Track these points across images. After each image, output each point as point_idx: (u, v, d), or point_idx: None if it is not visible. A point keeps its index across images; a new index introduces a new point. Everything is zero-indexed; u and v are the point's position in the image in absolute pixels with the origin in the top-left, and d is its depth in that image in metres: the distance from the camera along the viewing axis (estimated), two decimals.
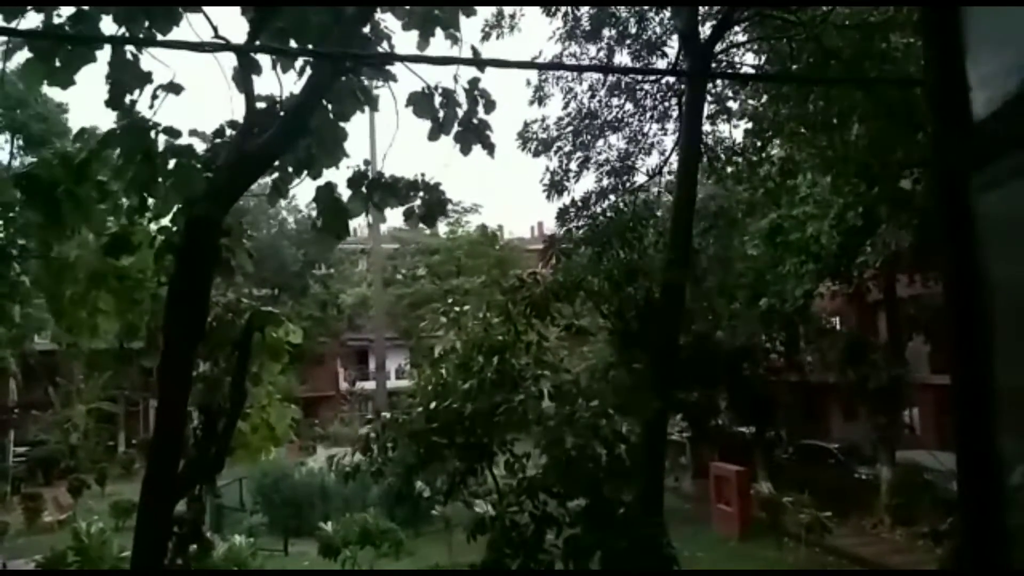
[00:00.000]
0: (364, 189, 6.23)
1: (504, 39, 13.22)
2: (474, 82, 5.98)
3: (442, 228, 40.36)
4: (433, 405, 7.53)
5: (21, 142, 22.05)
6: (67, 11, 5.12)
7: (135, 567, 5.56)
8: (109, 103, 5.29)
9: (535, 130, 15.12)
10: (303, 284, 39.75)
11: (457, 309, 9.93)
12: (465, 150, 6.14)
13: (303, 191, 41.10)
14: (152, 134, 5.25)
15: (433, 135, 6.07)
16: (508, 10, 13.24)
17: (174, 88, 5.22)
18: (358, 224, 29.53)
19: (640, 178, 15.49)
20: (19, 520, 21.51)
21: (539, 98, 14.91)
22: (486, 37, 13.27)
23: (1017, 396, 1.72)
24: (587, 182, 24.15)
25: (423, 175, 6.39)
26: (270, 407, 8.54)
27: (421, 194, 6.34)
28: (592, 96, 15.09)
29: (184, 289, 5.40)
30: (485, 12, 12.86)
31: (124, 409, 32.79)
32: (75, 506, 23.03)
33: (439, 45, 6.51)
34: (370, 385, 36.34)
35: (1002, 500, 1.92)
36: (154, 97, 5.21)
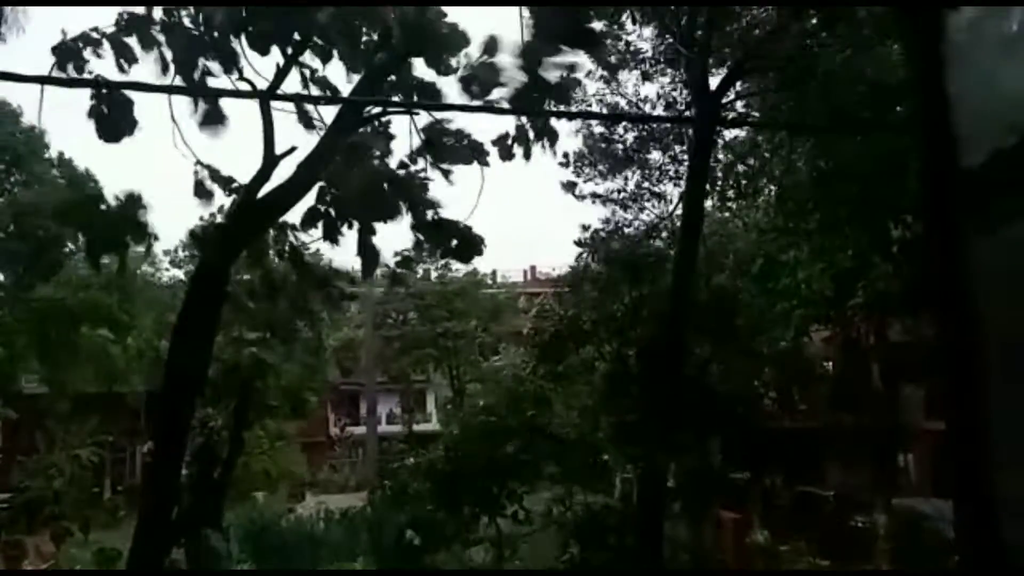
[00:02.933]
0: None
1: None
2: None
3: (433, 272, 40.45)
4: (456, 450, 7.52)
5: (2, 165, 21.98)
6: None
7: None
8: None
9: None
10: (294, 328, 39.54)
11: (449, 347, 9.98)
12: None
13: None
14: None
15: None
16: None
17: None
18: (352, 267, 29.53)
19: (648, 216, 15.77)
20: None
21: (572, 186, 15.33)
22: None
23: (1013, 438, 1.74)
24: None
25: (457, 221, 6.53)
26: (271, 451, 8.48)
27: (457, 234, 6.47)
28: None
29: (189, 333, 5.39)
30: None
31: (110, 455, 32.30)
32: (58, 554, 22.50)
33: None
34: (361, 430, 35.97)
35: (1001, 546, 1.92)
36: None
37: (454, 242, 6.50)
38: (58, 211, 5.81)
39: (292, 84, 5.54)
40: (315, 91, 5.72)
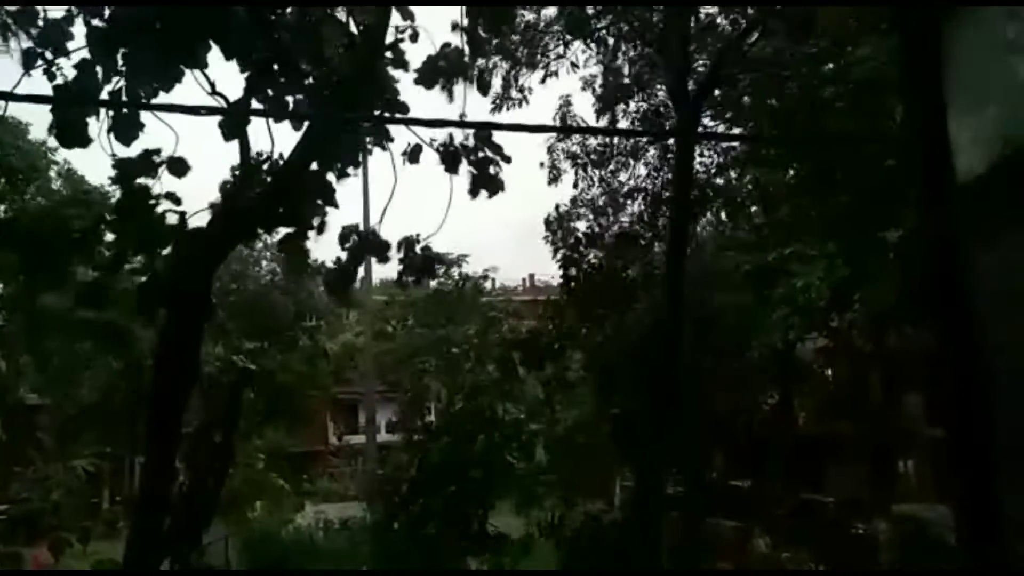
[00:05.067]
0: (355, 247, 6.29)
1: (514, 111, 13.59)
2: (484, 135, 6.10)
3: (432, 281, 40.42)
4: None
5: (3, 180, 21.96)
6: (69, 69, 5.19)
7: None
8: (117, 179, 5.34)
9: (555, 215, 15.51)
10: (292, 336, 39.47)
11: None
12: (473, 193, 6.21)
13: None
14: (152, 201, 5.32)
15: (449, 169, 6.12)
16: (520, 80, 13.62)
17: (178, 169, 5.29)
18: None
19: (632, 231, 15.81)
20: None
21: (554, 177, 15.38)
22: (496, 108, 13.55)
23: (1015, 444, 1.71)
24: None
25: (417, 235, 6.47)
26: (267, 461, 8.46)
27: (415, 252, 6.40)
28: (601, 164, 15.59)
29: (174, 342, 5.36)
30: (495, 85, 13.12)
31: (109, 466, 32.19)
32: (56, 565, 22.42)
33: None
34: (360, 439, 35.87)
35: (1002, 552, 1.90)
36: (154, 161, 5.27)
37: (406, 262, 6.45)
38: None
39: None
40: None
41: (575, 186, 15.75)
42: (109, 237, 5.91)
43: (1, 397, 25.54)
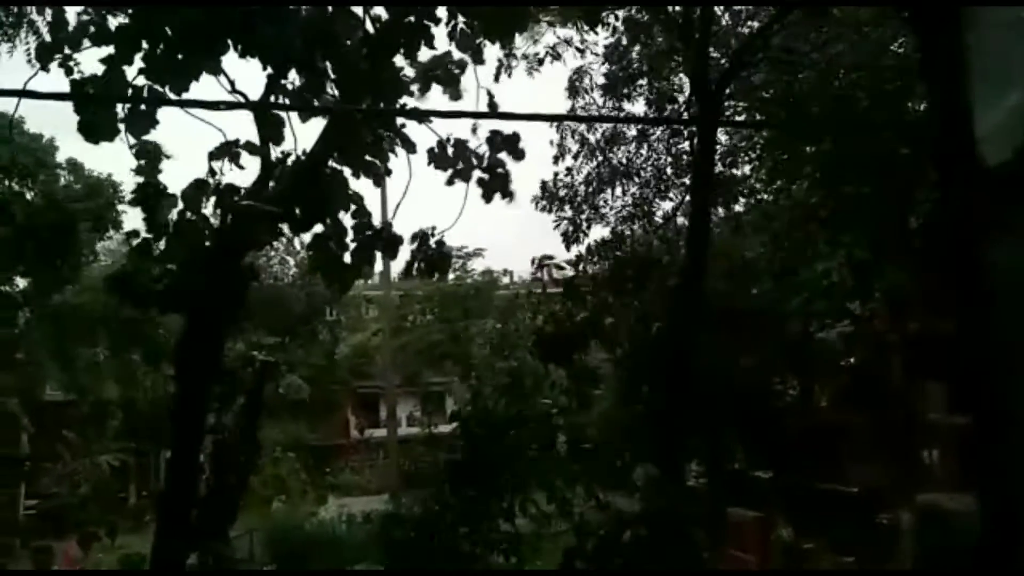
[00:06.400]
0: (370, 241, 6.31)
1: (516, 81, 13.52)
2: (495, 133, 6.11)
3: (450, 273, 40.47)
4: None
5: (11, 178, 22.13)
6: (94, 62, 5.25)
7: None
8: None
9: (553, 187, 15.44)
10: (311, 331, 39.73)
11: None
12: (487, 197, 6.22)
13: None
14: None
15: (450, 182, 6.16)
16: (520, 49, 13.40)
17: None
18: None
19: (656, 220, 15.74)
20: None
21: (560, 154, 15.28)
22: (496, 77, 13.30)
23: None
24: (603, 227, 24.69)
25: (432, 228, 6.48)
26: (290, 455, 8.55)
27: (429, 245, 6.42)
28: (607, 144, 15.44)
29: (197, 337, 5.43)
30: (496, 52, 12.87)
31: (135, 460, 32.64)
32: (85, 559, 22.76)
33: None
34: (381, 433, 36.08)
35: None
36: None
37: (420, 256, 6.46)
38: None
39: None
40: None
41: (575, 157, 15.49)
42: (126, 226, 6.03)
43: (27, 394, 25.95)
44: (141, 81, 5.25)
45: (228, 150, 5.49)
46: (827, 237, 16.62)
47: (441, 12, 6.01)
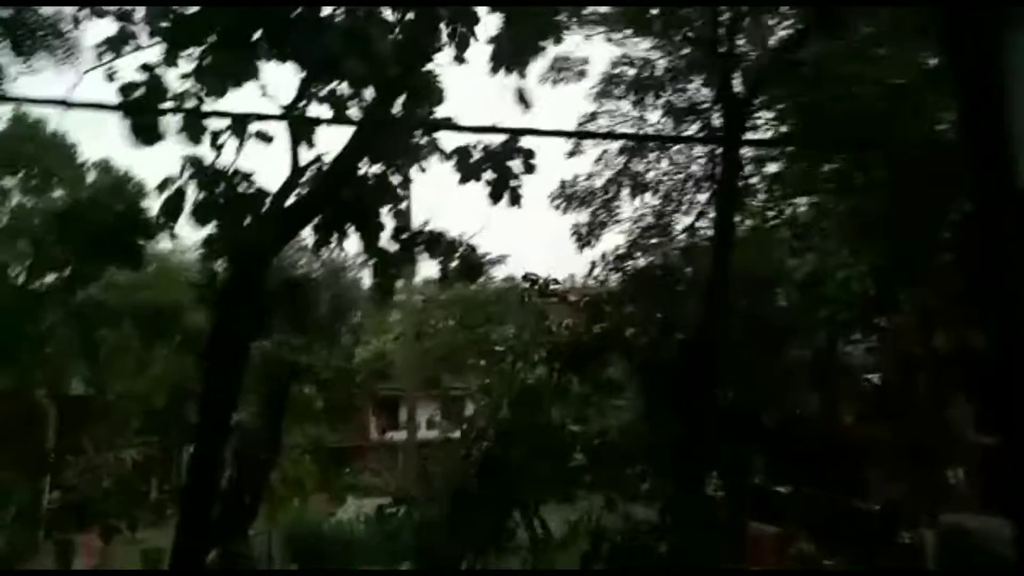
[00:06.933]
0: (411, 241, 6.36)
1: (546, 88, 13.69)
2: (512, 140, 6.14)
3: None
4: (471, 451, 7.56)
5: (35, 178, 22.50)
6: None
7: None
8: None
9: (568, 190, 15.44)
10: (334, 333, 39.90)
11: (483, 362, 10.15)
12: (495, 197, 6.26)
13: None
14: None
15: (463, 181, 6.20)
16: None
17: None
18: None
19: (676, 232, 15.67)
20: (50, 566, 21.62)
21: (575, 153, 15.26)
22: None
23: None
24: (619, 236, 24.64)
25: (463, 234, 6.53)
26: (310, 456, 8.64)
27: (463, 250, 6.47)
28: (627, 155, 15.42)
29: (225, 336, 5.49)
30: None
31: (157, 455, 32.97)
32: (106, 552, 23.08)
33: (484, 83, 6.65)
34: (401, 435, 36.22)
35: None
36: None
37: (453, 263, 6.50)
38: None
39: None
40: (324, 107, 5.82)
41: (596, 162, 15.46)
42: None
43: (55, 388, 26.36)
44: (184, 86, 5.37)
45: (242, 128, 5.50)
46: (852, 247, 16.47)
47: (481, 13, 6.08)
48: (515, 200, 6.42)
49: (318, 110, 5.90)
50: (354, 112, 5.85)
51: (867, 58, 11.38)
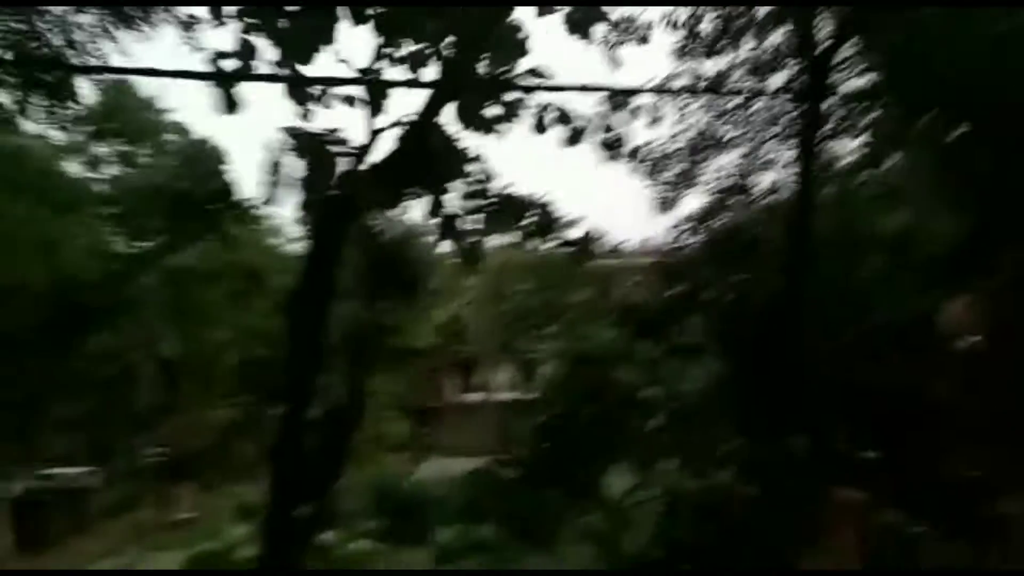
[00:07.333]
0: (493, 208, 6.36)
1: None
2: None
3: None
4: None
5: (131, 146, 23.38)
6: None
7: (262, 567, 5.84)
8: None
9: (647, 152, 15.16)
10: (415, 295, 40.56)
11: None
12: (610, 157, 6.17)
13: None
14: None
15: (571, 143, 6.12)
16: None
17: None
18: None
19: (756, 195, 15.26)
20: (149, 518, 23.01)
21: (655, 119, 14.97)
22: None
23: None
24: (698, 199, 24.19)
25: (543, 195, 6.50)
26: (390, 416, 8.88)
27: (545, 212, 6.45)
28: (708, 113, 15.02)
29: (307, 296, 5.65)
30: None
31: (248, 414, 34.45)
32: (203, 504, 24.41)
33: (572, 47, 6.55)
34: (476, 397, 36.83)
35: None
36: None
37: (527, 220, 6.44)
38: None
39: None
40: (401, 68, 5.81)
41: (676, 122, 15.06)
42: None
43: (151, 349, 27.79)
44: (271, 56, 5.49)
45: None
46: (947, 205, 15.68)
47: None
48: (615, 157, 6.36)
49: (392, 74, 5.93)
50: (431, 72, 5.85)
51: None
